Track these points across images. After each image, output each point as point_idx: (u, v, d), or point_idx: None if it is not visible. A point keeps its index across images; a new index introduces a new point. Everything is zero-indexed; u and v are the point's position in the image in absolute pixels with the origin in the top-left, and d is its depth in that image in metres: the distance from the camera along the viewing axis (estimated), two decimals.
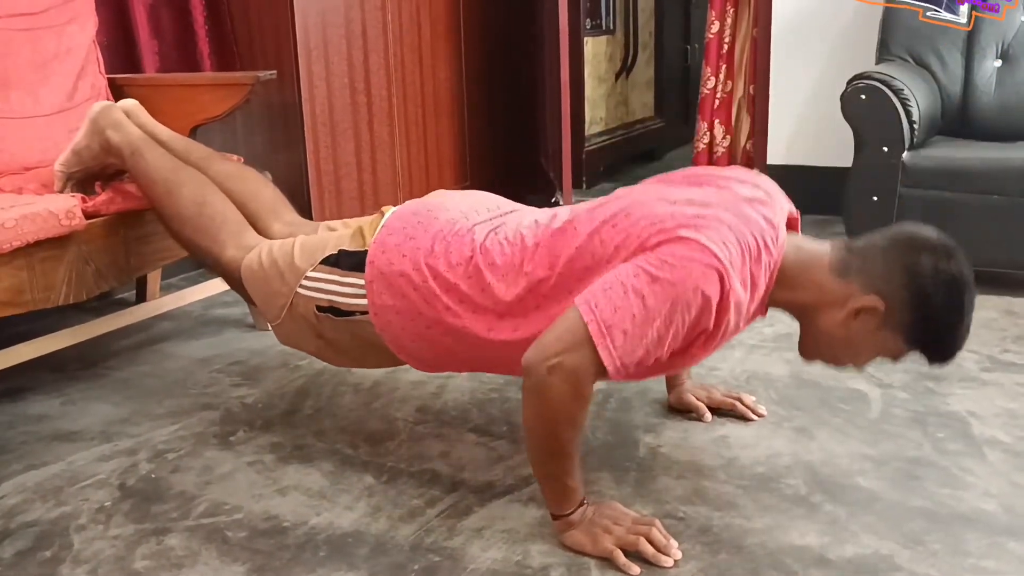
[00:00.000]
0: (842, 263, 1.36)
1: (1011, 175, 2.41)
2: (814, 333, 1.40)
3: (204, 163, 1.87)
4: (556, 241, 1.40)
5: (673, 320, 1.25)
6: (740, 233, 1.29)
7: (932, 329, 1.33)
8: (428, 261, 1.47)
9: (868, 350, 1.39)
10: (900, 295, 1.31)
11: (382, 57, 3.00)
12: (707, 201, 1.34)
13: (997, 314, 2.33)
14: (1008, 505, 1.43)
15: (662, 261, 1.25)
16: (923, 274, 1.30)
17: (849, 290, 1.34)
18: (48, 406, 1.95)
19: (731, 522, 1.40)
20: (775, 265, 1.35)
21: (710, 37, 3.80)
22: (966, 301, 1.32)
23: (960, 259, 1.32)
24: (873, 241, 1.37)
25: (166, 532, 1.43)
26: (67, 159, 1.92)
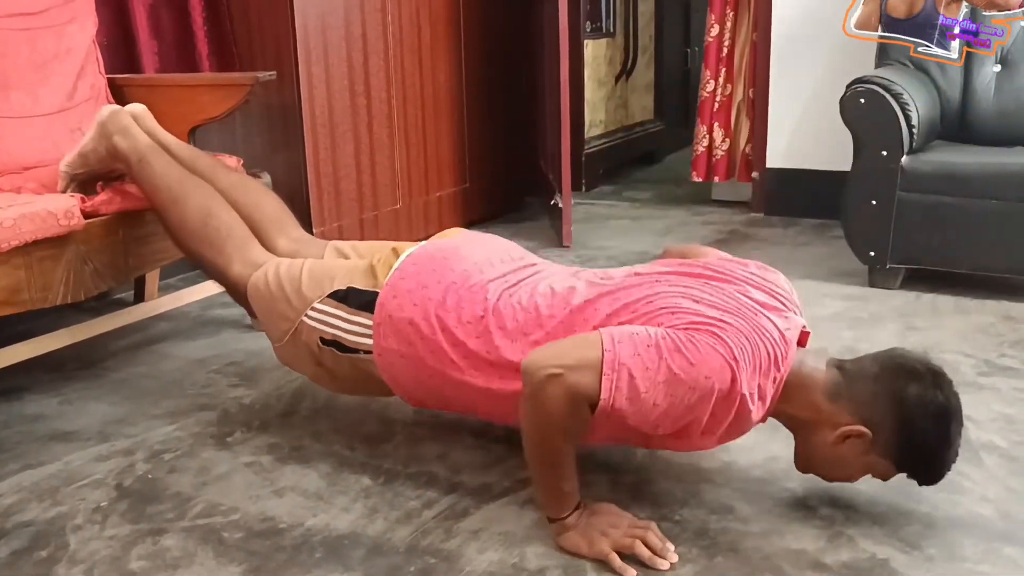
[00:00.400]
0: (834, 387, 1.37)
1: (1009, 180, 2.41)
2: (808, 449, 1.42)
3: (210, 173, 1.88)
4: (574, 319, 1.41)
5: (675, 394, 1.26)
6: (756, 345, 1.31)
7: (918, 456, 1.35)
8: (439, 313, 1.48)
9: (857, 471, 1.40)
10: (887, 422, 1.32)
11: (382, 59, 3.00)
12: (727, 308, 1.35)
13: (994, 319, 2.33)
14: (1004, 510, 1.43)
15: (688, 339, 1.28)
16: (909, 403, 1.32)
17: (839, 415, 1.35)
18: (45, 406, 1.95)
19: (728, 526, 1.40)
20: (781, 381, 1.36)
21: (710, 40, 3.80)
22: (952, 430, 1.33)
23: (947, 387, 1.34)
24: (863, 366, 1.39)
25: (162, 532, 1.43)
26: (72, 161, 1.92)
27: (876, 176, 2.54)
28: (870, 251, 2.60)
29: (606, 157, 4.51)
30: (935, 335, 2.22)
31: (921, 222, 2.51)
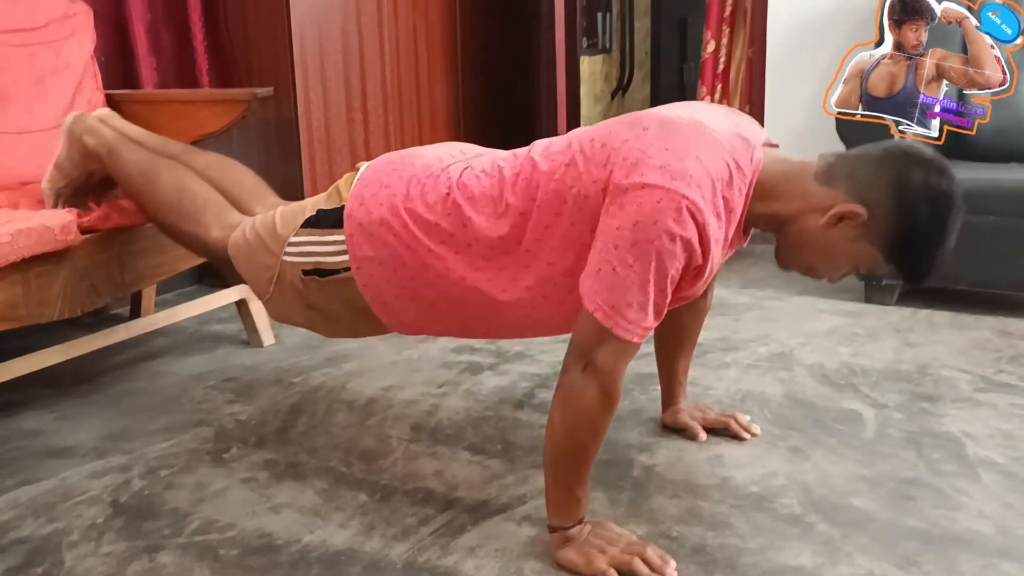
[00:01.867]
0: (829, 169, 1.35)
1: (1006, 196, 2.42)
2: (792, 239, 1.38)
3: (183, 156, 1.86)
4: (535, 172, 1.39)
5: (666, 271, 1.25)
6: (710, 160, 1.27)
7: (911, 243, 1.31)
8: (406, 205, 1.45)
9: (845, 260, 1.37)
10: (884, 204, 1.29)
11: (379, 75, 3.01)
12: (676, 130, 1.31)
13: (992, 334, 2.34)
14: (1002, 526, 1.43)
15: (632, 222, 1.24)
16: (911, 186, 1.28)
17: (833, 196, 1.32)
18: (42, 421, 1.94)
19: (725, 542, 1.40)
20: (750, 184, 1.34)
21: (706, 57, 3.82)
22: (950, 220, 1.30)
23: (951, 178, 1.30)
24: (865, 150, 1.36)
25: (158, 549, 1.42)
26: (51, 175, 1.92)
27: None
28: None
29: None
30: (932, 351, 2.23)
31: None
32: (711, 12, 3.78)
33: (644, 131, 1.32)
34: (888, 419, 1.83)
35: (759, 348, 2.26)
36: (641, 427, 1.82)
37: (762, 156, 1.36)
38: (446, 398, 1.99)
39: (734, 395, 1.97)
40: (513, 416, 1.89)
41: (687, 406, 1.80)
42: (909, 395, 1.94)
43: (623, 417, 1.85)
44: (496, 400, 1.97)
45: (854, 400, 1.92)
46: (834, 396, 1.95)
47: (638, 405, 1.91)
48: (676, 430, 1.78)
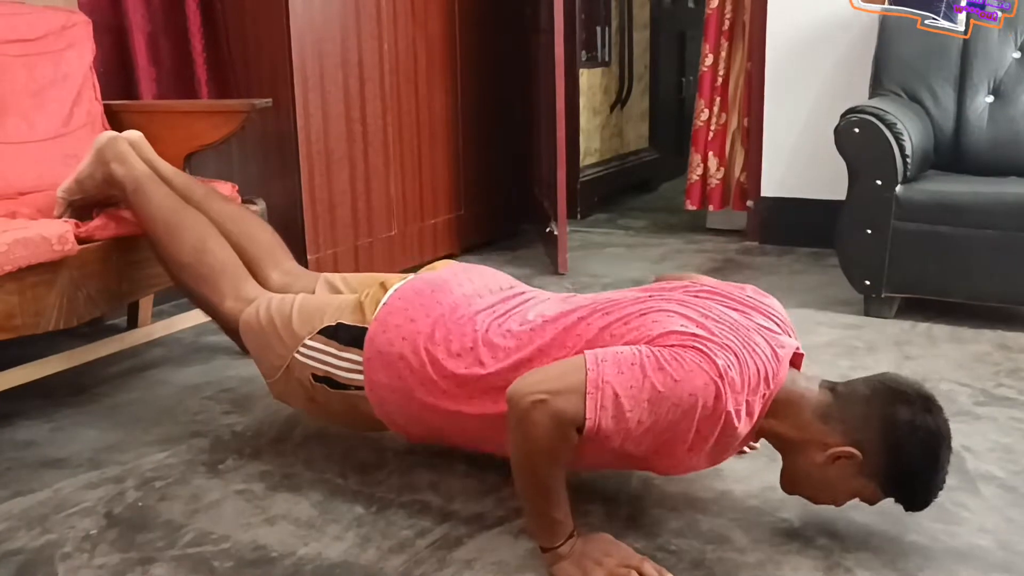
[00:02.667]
0: (825, 407, 1.37)
1: (1003, 209, 2.42)
2: (795, 470, 1.41)
3: (205, 203, 1.89)
4: (567, 334, 1.41)
5: (659, 412, 1.26)
6: (745, 362, 1.31)
7: (906, 481, 1.34)
8: (427, 346, 1.48)
9: (844, 493, 1.40)
10: (876, 445, 1.32)
11: (378, 86, 3.01)
12: (721, 320, 1.36)
13: (991, 348, 2.33)
14: (1003, 541, 1.42)
15: (673, 356, 1.27)
16: (900, 427, 1.31)
17: (829, 435, 1.35)
18: (36, 432, 1.93)
19: (724, 556, 1.39)
20: (770, 397, 1.36)
21: (704, 70, 3.83)
22: (941, 455, 1.33)
23: (938, 413, 1.33)
24: (855, 388, 1.39)
25: (152, 561, 1.41)
26: (69, 187, 1.92)
27: (871, 205, 2.55)
28: (865, 280, 2.60)
29: (601, 185, 4.52)
30: (931, 364, 2.22)
31: (916, 251, 2.52)
32: (709, 26, 3.79)
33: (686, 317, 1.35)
34: None
35: None
36: None
37: (784, 374, 1.38)
38: None
39: None
40: None
41: None
42: None
43: None
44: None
45: None
46: None
47: None
48: None
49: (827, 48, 3.38)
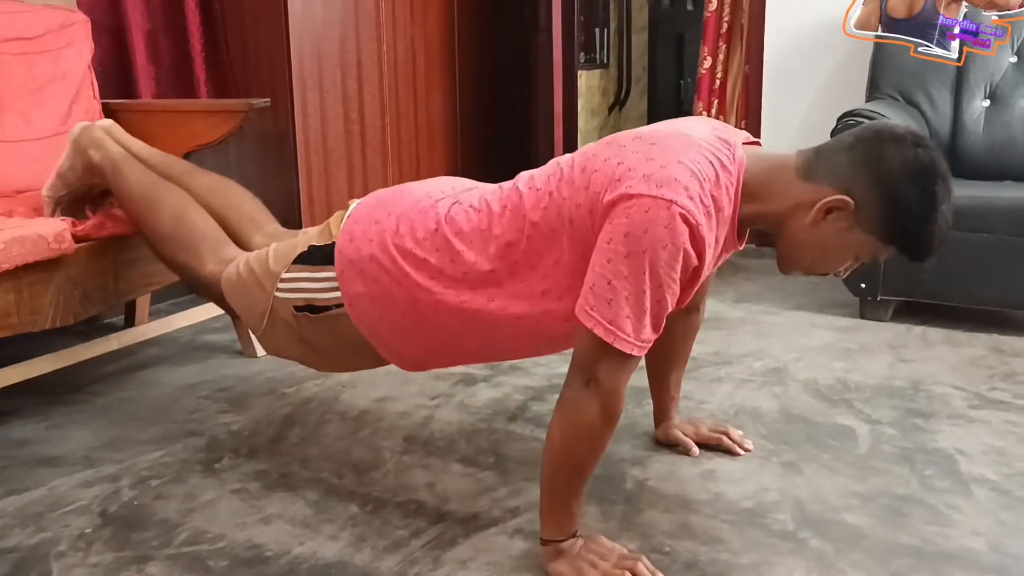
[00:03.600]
0: (808, 165, 1.33)
1: (999, 214, 2.42)
2: (788, 242, 1.37)
3: (185, 178, 1.87)
4: (521, 203, 1.39)
5: (662, 280, 1.24)
6: (693, 162, 1.27)
7: (904, 222, 1.29)
8: (395, 241, 1.45)
9: (844, 252, 1.36)
10: (868, 190, 1.28)
11: (376, 87, 3.02)
12: (655, 140, 1.32)
13: (985, 352, 2.34)
14: (995, 544, 1.42)
15: (623, 234, 1.24)
16: (889, 165, 1.27)
17: (816, 191, 1.31)
18: (32, 430, 1.93)
19: (717, 557, 1.39)
20: (737, 182, 1.33)
21: (702, 73, 3.83)
22: (938, 190, 1.28)
23: (929, 149, 1.29)
24: (840, 139, 1.35)
25: (147, 560, 1.41)
26: (52, 184, 1.92)
27: None
28: (861, 283, 2.61)
29: None
30: (926, 367, 2.23)
31: None
32: (707, 29, 3.80)
33: (622, 148, 1.32)
34: (881, 435, 1.82)
35: (753, 363, 2.25)
36: (635, 441, 1.81)
37: (744, 154, 1.36)
38: (439, 410, 1.98)
39: (727, 409, 1.97)
40: (506, 429, 1.88)
41: (680, 421, 1.80)
42: (903, 411, 1.94)
43: (617, 431, 1.82)
44: (489, 412, 1.96)
45: (848, 416, 1.92)
46: (828, 411, 1.94)
47: (632, 419, 1.90)
48: (669, 445, 1.78)
49: (825, 51, 3.39)
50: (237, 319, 1.75)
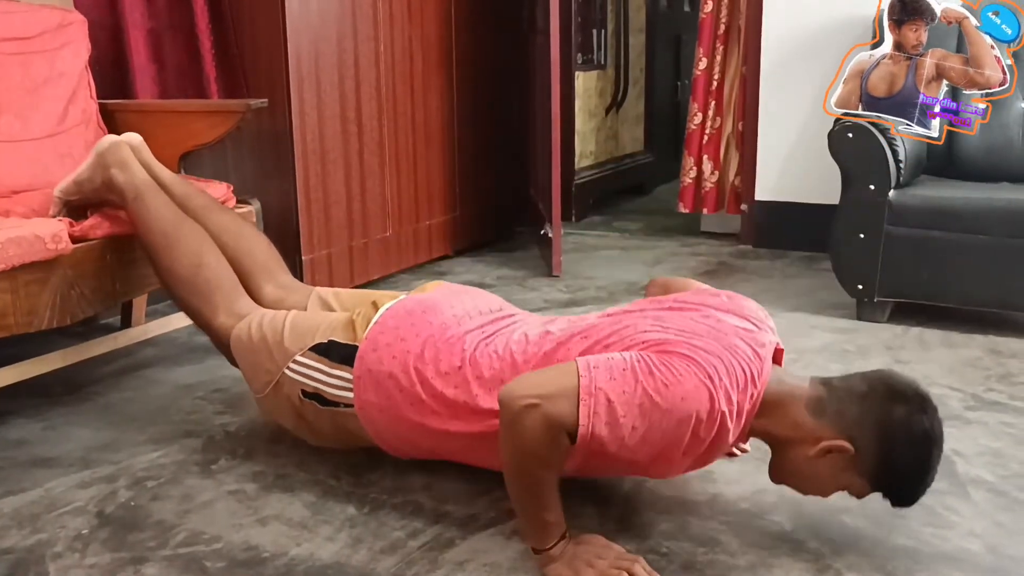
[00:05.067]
0: (818, 403, 1.37)
1: (996, 215, 2.43)
2: (784, 463, 1.42)
3: (202, 213, 1.89)
4: (548, 361, 1.43)
5: (652, 418, 1.26)
6: (729, 363, 1.31)
7: (896, 479, 1.35)
8: (417, 366, 1.50)
9: (834, 486, 1.40)
10: (869, 443, 1.33)
11: (374, 87, 3.02)
12: (698, 332, 1.36)
13: (982, 353, 2.34)
14: (992, 545, 1.43)
15: (662, 362, 1.28)
16: (894, 425, 1.32)
17: (822, 430, 1.35)
18: (28, 431, 1.93)
19: (715, 558, 1.39)
20: (758, 397, 1.37)
21: (698, 74, 3.83)
22: (933, 457, 1.34)
23: (933, 414, 1.34)
24: (851, 384, 1.39)
25: (143, 561, 1.41)
26: (67, 187, 1.92)
27: (864, 210, 2.56)
28: (858, 284, 2.61)
29: (596, 188, 4.53)
30: (922, 368, 2.23)
31: (909, 256, 2.53)
32: (703, 30, 3.80)
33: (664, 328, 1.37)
34: None
35: None
36: None
37: (770, 371, 1.39)
38: None
39: None
40: None
41: None
42: None
43: None
44: None
45: None
46: None
47: None
48: None
49: (821, 53, 3.39)
50: (237, 367, 1.76)
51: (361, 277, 3.05)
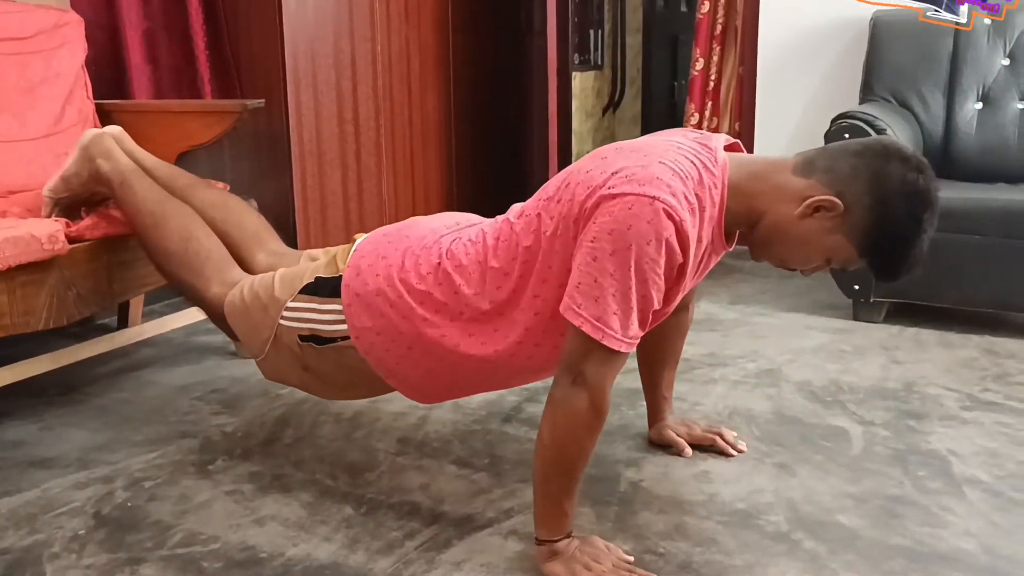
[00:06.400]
0: (807, 162, 1.35)
1: (991, 216, 2.43)
2: (768, 228, 1.38)
3: (189, 191, 1.87)
4: (512, 231, 1.42)
5: (647, 275, 1.25)
6: (674, 162, 1.29)
7: (886, 238, 1.31)
8: (400, 276, 1.48)
9: (819, 252, 1.37)
10: (861, 197, 1.30)
11: (371, 87, 3.02)
12: (636, 148, 1.35)
13: (978, 353, 2.34)
14: (987, 545, 1.43)
15: (608, 231, 1.25)
16: (889, 180, 1.29)
17: (810, 187, 1.33)
18: (25, 431, 1.93)
19: (711, 558, 1.40)
20: (722, 184, 1.34)
21: (694, 74, 3.84)
22: (926, 218, 1.31)
23: (930, 177, 1.31)
24: (846, 144, 1.36)
25: (140, 562, 1.41)
26: (55, 185, 1.92)
27: None
28: (854, 284, 2.62)
29: None
30: (918, 369, 2.23)
31: None
32: (700, 30, 3.80)
33: (603, 159, 1.35)
34: (875, 436, 1.83)
35: (747, 364, 2.26)
36: (629, 442, 1.81)
37: (726, 156, 1.38)
38: (433, 411, 1.98)
39: (721, 411, 1.97)
40: (501, 430, 1.88)
41: (673, 422, 1.80)
42: (896, 412, 1.95)
43: (611, 432, 1.85)
44: (484, 414, 1.96)
45: (841, 417, 1.93)
46: (821, 413, 1.95)
47: (626, 420, 1.91)
48: (663, 446, 1.78)
49: (818, 53, 3.40)
50: (236, 341, 1.75)
51: None
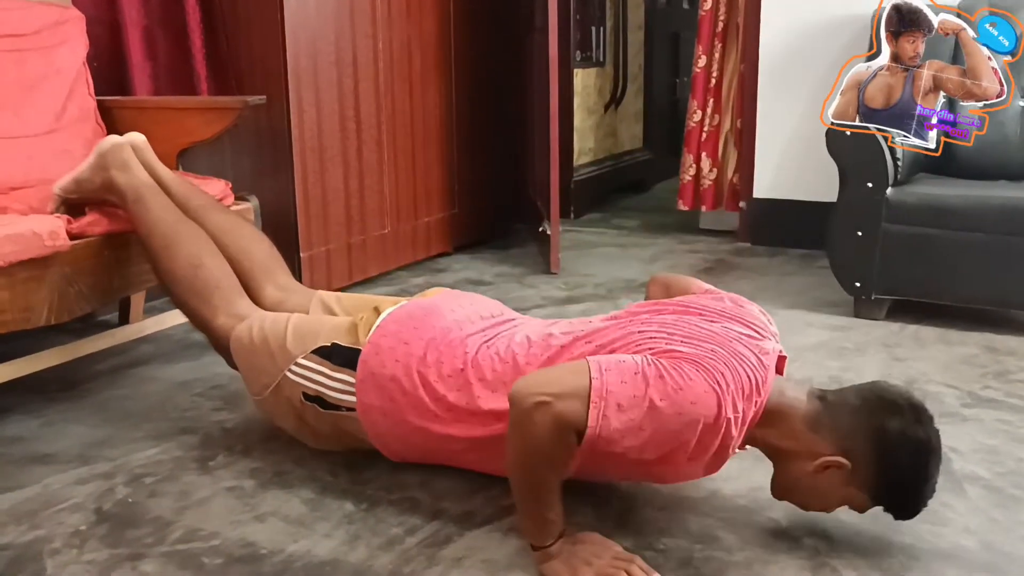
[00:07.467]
0: (815, 416, 1.37)
1: (992, 213, 2.43)
2: (785, 477, 1.42)
3: (202, 213, 1.89)
4: (551, 365, 1.43)
5: (661, 421, 1.26)
6: (736, 372, 1.31)
7: (895, 491, 1.35)
8: (420, 368, 1.50)
9: (835, 501, 1.40)
10: (866, 456, 1.33)
11: (372, 84, 3.02)
12: (704, 338, 1.36)
13: (978, 351, 2.34)
14: (987, 542, 1.43)
15: (672, 367, 1.28)
16: (889, 438, 1.32)
17: (819, 444, 1.35)
18: (25, 427, 1.93)
19: (712, 555, 1.40)
20: (761, 406, 1.37)
21: (697, 71, 3.83)
22: (931, 466, 1.33)
23: (928, 424, 1.34)
24: (845, 397, 1.39)
25: (141, 558, 1.41)
26: (67, 185, 1.93)
27: (861, 208, 2.56)
28: (855, 282, 2.62)
29: (595, 185, 4.53)
30: (919, 366, 2.23)
31: (906, 254, 2.53)
32: (702, 27, 3.80)
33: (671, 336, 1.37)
34: None
35: None
36: None
37: (773, 381, 1.40)
38: None
39: None
40: None
41: None
42: None
43: None
44: None
45: None
46: None
47: None
48: None
49: (820, 51, 3.39)
50: (235, 369, 1.76)
51: (359, 274, 3.05)
